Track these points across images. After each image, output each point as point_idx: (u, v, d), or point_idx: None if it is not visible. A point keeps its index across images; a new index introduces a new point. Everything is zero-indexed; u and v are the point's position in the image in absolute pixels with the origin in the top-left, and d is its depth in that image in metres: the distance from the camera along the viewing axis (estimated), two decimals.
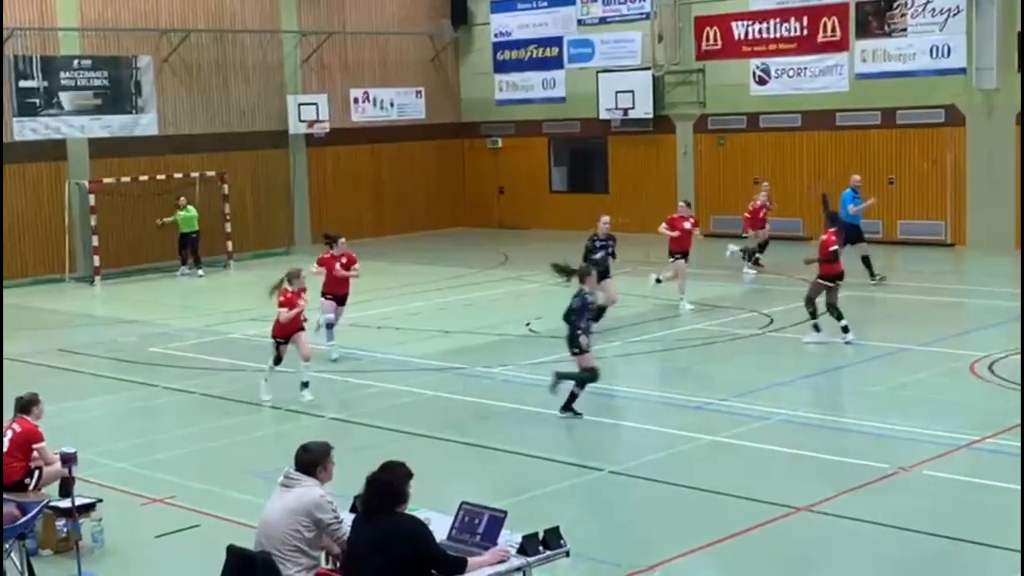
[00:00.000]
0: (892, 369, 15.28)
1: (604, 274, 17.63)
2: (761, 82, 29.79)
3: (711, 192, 31.14)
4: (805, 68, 28.94)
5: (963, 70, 26.70)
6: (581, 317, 13.18)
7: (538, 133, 33.94)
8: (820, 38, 28.67)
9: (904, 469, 10.91)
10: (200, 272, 26.73)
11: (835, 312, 16.70)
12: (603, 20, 32.25)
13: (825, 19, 28.53)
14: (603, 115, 31.84)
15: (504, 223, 34.08)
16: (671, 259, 20.44)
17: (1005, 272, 23.93)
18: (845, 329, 16.57)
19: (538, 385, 14.93)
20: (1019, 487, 10.03)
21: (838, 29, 28.36)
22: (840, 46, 28.38)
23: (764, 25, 29.53)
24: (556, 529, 7.23)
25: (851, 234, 21.01)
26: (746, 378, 15.00)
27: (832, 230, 17.05)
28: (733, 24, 30.06)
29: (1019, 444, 11.61)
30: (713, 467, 11.47)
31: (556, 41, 33.17)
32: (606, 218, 18.96)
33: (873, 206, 23.44)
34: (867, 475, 10.75)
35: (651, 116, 31.22)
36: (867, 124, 28.23)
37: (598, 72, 31.95)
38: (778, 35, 29.31)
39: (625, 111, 31.36)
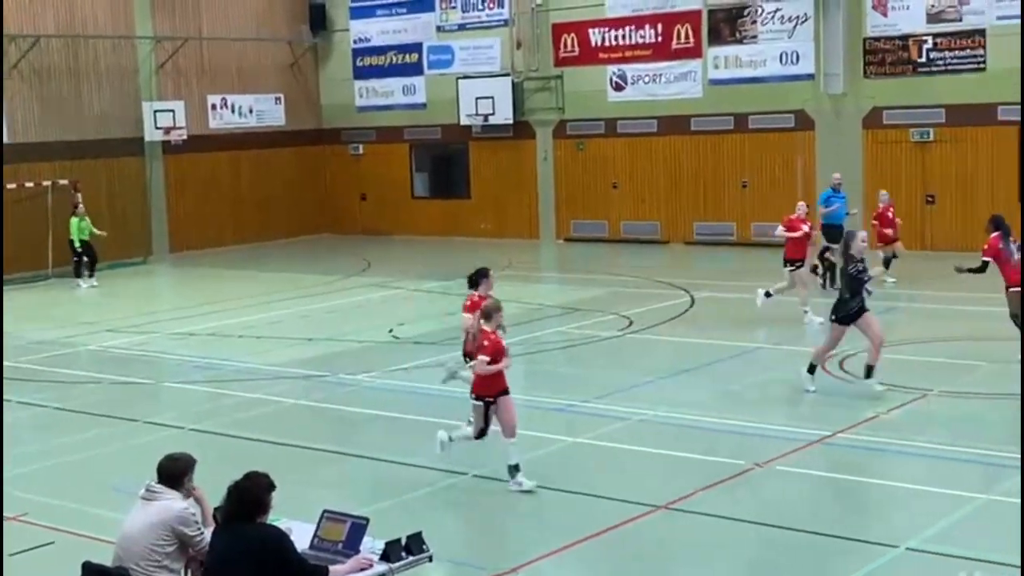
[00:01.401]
0: (749, 367, 15.70)
1: None
2: (618, 88, 30.27)
3: (571, 197, 31.52)
4: (660, 74, 29.51)
5: (812, 76, 27.57)
6: None
7: (399, 139, 33.90)
8: (674, 45, 29.27)
9: (759, 465, 11.22)
10: (95, 282, 25.87)
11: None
12: (462, 27, 32.39)
13: (679, 26, 29.15)
14: (464, 121, 31.96)
15: (367, 229, 33.95)
16: (787, 268, 18.69)
17: None
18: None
19: (402, 391, 14.95)
20: (887, 481, 10.40)
21: (691, 36, 28.99)
22: (694, 53, 29.02)
23: (620, 32, 30.02)
24: (419, 534, 7.25)
25: (832, 235, 20.43)
26: (607, 380, 15.24)
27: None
28: (590, 31, 30.49)
29: (867, 439, 12.07)
30: (575, 468, 11.63)
31: (416, 47, 33.19)
32: None
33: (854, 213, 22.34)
34: (724, 472, 11.03)
35: (511, 122, 31.46)
36: (721, 129, 28.92)
37: (458, 78, 32.07)
38: (633, 42, 29.83)
39: (485, 117, 31.53)
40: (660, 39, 29.43)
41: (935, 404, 13.42)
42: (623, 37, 29.98)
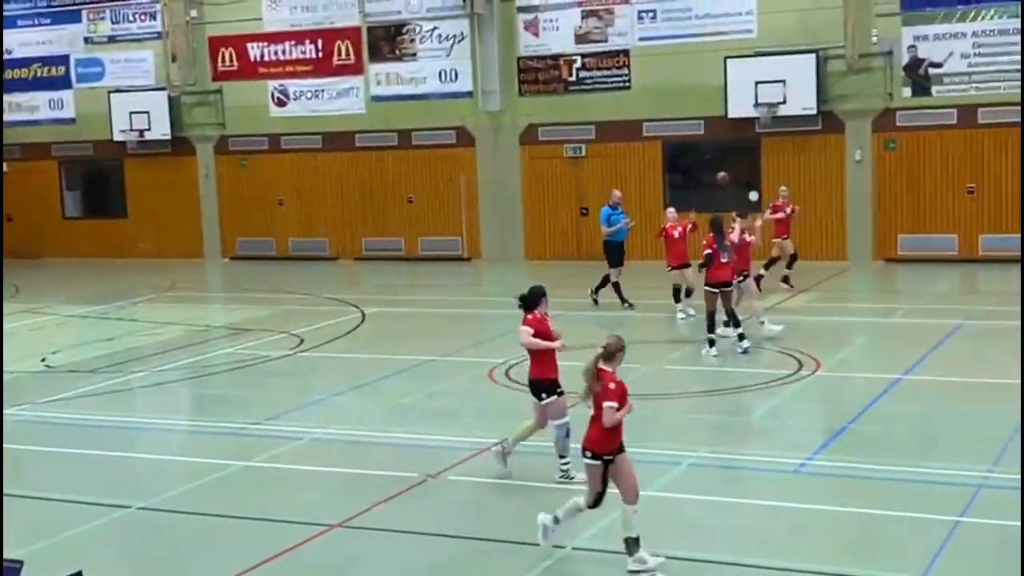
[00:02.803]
0: (419, 380, 15.87)
1: None
2: (280, 103, 29.97)
3: (236, 215, 30.91)
4: (323, 90, 29.46)
5: (470, 93, 28.29)
6: None
7: (47, 156, 32.17)
8: (336, 61, 29.30)
9: (432, 476, 11.36)
10: None
11: (732, 319, 16.69)
12: (112, 39, 31.16)
13: (339, 42, 29.20)
14: (117, 136, 30.73)
15: (15, 253, 31.92)
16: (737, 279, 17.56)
17: (517, 282, 25.59)
18: (741, 337, 16.50)
19: (59, 423, 14.14)
20: (556, 484, 10.73)
21: (352, 53, 29.12)
22: (355, 69, 29.15)
23: (280, 47, 29.74)
24: (78, 574, 6.88)
25: (615, 254, 20.28)
26: (278, 400, 15.01)
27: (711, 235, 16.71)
28: (248, 46, 30.03)
29: (534, 444, 12.45)
30: (247, 492, 11.37)
31: (62, 60, 31.63)
32: None
33: (633, 228, 21.56)
34: (398, 485, 11.09)
35: (169, 137, 30.54)
36: (385, 145, 29.19)
37: (110, 92, 30.79)
38: (294, 57, 29.64)
39: (141, 132, 30.43)
40: (321, 55, 29.38)
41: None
42: (283, 52, 29.72)
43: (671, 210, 20.06)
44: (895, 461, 11.17)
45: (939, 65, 24.49)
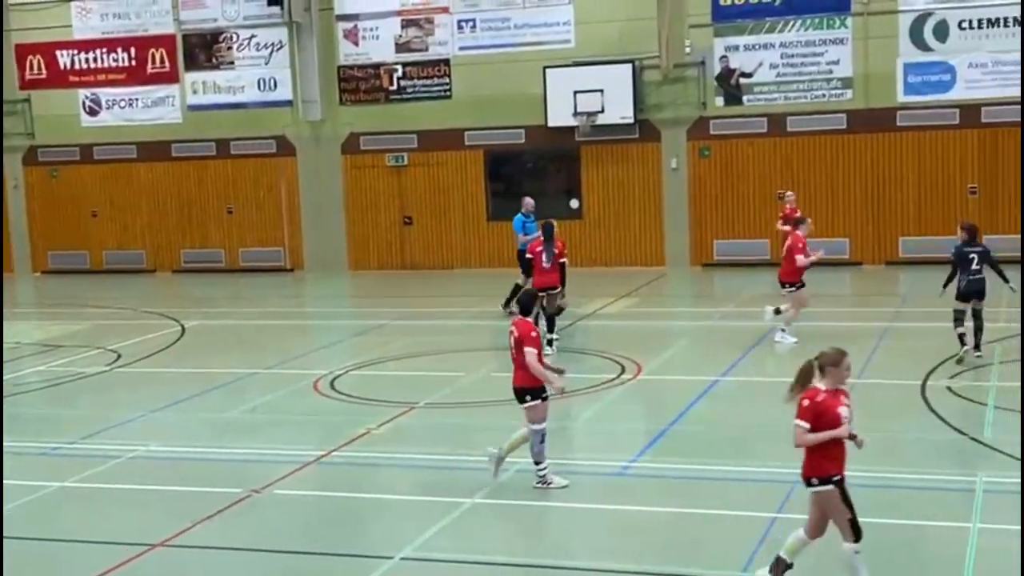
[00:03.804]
0: (243, 394, 15.57)
1: None
2: (92, 112, 29.06)
3: (47, 228, 29.82)
4: (136, 99, 28.69)
5: (290, 102, 27.95)
6: None
7: None
8: (150, 69, 28.57)
9: (256, 491, 11.14)
10: None
11: (549, 324, 17.08)
12: None
13: (153, 50, 28.49)
14: None
15: None
16: (786, 289, 17.37)
17: (340, 293, 25.46)
18: (549, 343, 16.70)
19: None
20: (381, 494, 10.63)
21: (167, 61, 28.44)
22: (170, 78, 28.48)
23: (91, 55, 28.84)
24: None
25: (529, 264, 19.32)
26: (95, 418, 14.51)
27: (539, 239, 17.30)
28: (58, 53, 29.04)
29: (360, 455, 12.37)
30: (62, 514, 10.95)
31: None
32: None
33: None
34: (222, 501, 10.84)
35: None
36: (203, 155, 28.60)
37: None
38: (107, 65, 28.76)
39: None
40: (134, 63, 28.60)
41: (422, 416, 14.01)
42: (95, 60, 28.81)
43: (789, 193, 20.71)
44: (715, 461, 11.48)
45: (749, 75, 25.36)
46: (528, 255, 17.69)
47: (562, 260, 17.37)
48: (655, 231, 26.17)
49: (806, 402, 8.07)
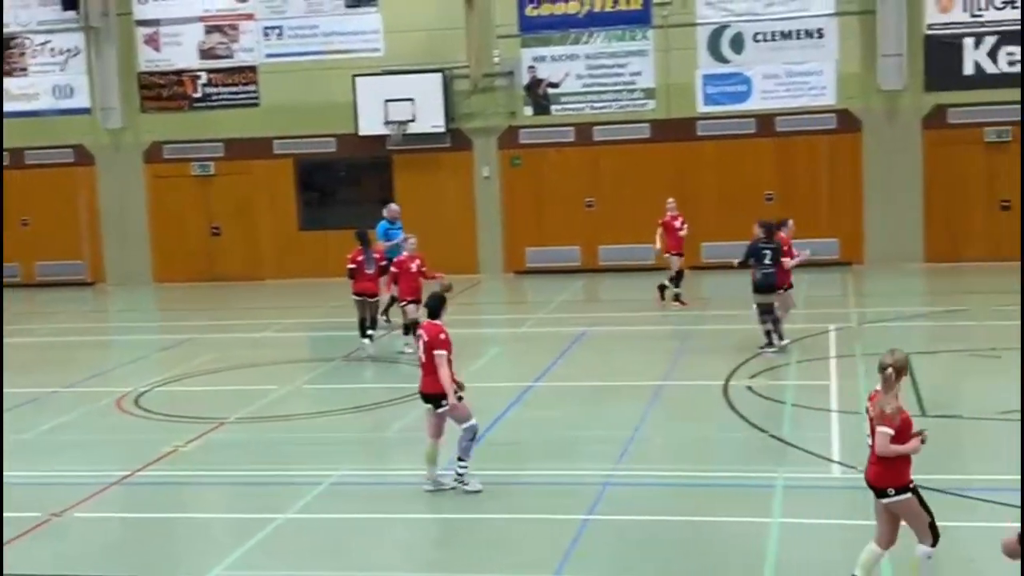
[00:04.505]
0: (41, 414, 14.91)
1: None
2: None
3: None
4: None
5: (88, 110, 27.01)
6: None
7: None
8: None
9: (56, 515, 10.69)
10: None
11: (373, 325, 17.42)
12: None
13: None
14: None
15: None
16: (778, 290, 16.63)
17: (145, 307, 24.74)
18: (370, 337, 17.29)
19: None
20: (191, 513, 10.31)
21: None
22: None
23: None
24: None
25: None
26: None
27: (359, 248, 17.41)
28: None
29: (167, 474, 12.01)
30: None
31: None
32: None
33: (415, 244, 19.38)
34: (19, 527, 10.35)
35: None
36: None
37: None
38: None
39: None
40: None
41: (232, 431, 13.69)
42: None
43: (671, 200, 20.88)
44: (529, 465, 11.58)
45: (556, 85, 25.74)
46: (393, 268, 17.28)
47: (423, 269, 17.08)
48: (468, 239, 26.28)
49: (889, 410, 7.70)
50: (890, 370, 7.71)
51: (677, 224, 20.68)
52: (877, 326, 18.09)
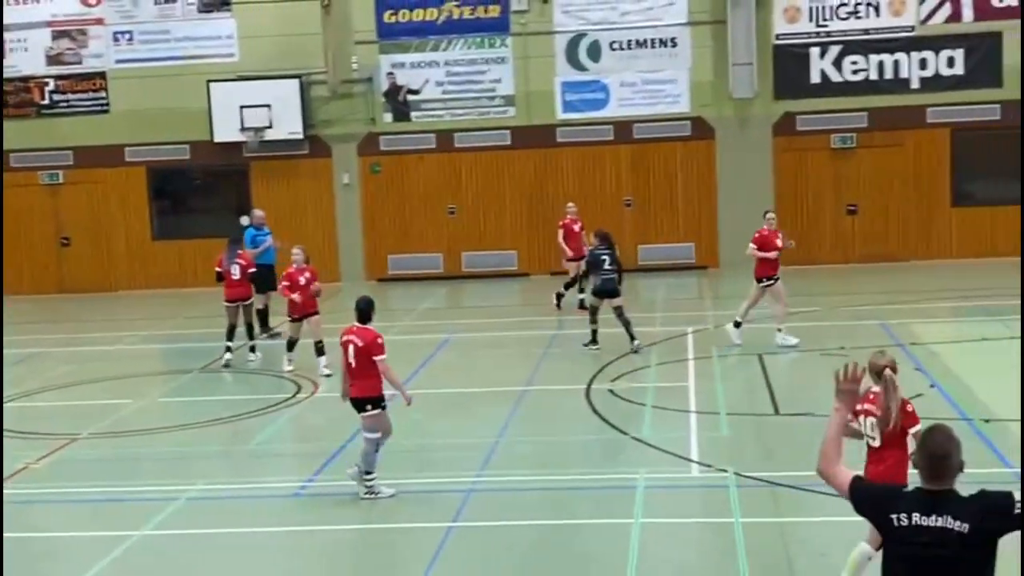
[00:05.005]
0: None
1: None
2: None
3: None
4: None
5: None
6: None
7: None
8: None
9: None
10: None
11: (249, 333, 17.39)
12: None
13: None
14: None
15: None
16: (761, 284, 16.69)
17: None
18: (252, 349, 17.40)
19: None
20: (45, 532, 10.02)
21: None
22: None
23: None
24: None
25: (266, 279, 18.60)
26: None
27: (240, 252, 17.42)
28: None
29: (19, 491, 11.61)
30: None
31: None
32: None
33: (280, 247, 19.68)
34: None
35: None
36: None
37: None
38: None
39: None
40: None
41: (85, 447, 13.31)
42: None
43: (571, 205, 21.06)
44: (394, 475, 11.50)
45: (416, 92, 25.70)
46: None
47: (315, 283, 16.69)
48: (329, 247, 26.02)
49: (911, 407, 7.90)
50: (889, 371, 7.85)
51: (576, 228, 20.69)
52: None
